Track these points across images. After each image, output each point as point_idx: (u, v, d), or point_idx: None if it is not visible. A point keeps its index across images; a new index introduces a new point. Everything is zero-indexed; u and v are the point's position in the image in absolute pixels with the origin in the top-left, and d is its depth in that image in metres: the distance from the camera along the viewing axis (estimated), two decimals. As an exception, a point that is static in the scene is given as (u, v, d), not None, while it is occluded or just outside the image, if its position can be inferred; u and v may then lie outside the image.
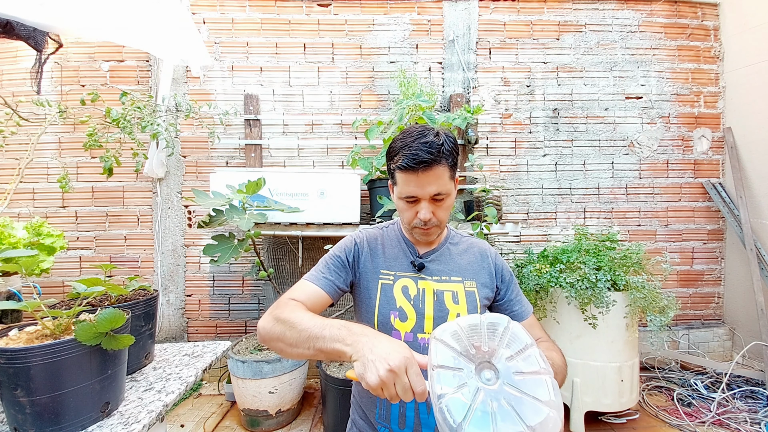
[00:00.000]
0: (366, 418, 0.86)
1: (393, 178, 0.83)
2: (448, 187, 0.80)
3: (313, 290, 0.80)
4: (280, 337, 0.68)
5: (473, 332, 0.50)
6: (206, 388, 2.44)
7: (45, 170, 2.53)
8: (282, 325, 0.68)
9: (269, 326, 0.70)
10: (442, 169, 0.77)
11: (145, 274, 2.56)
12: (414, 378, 0.50)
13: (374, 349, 0.54)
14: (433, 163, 0.75)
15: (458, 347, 0.49)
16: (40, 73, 1.56)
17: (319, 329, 0.63)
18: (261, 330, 0.72)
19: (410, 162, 0.75)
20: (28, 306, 0.72)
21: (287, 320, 0.68)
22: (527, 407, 0.43)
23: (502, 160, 2.66)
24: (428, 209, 0.79)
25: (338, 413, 1.78)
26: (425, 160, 0.74)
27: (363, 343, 0.56)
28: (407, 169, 0.76)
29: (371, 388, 0.51)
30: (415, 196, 0.79)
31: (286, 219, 2.10)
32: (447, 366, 0.48)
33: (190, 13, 2.45)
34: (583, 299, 1.81)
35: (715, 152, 2.73)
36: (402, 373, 0.50)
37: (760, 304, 2.32)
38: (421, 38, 2.62)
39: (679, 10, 2.70)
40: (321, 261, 0.88)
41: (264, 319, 0.72)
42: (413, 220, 0.82)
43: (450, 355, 0.49)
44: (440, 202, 0.81)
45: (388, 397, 0.51)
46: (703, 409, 2.07)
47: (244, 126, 2.54)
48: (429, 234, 0.85)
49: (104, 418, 0.76)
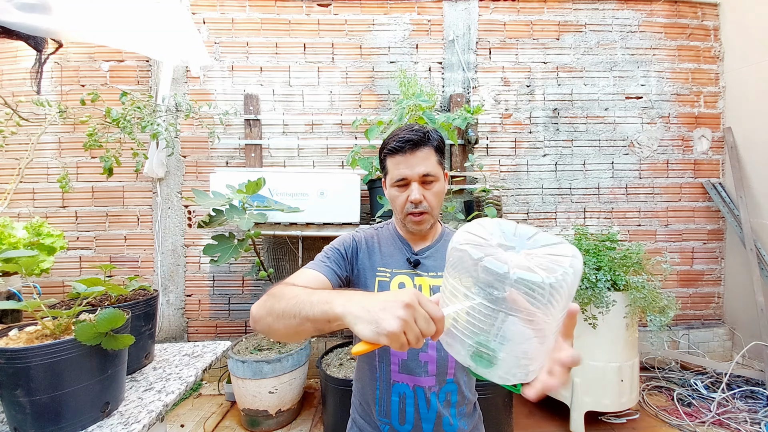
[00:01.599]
0: (366, 417, 0.87)
1: (384, 168, 0.87)
2: (436, 171, 0.83)
3: (313, 276, 0.78)
4: (269, 311, 0.64)
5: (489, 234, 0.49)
6: (206, 388, 2.44)
7: (45, 170, 2.53)
8: (272, 298, 0.65)
9: (260, 303, 0.67)
10: (428, 151, 0.82)
11: (145, 274, 2.56)
12: (429, 306, 0.46)
13: (376, 300, 0.49)
14: (419, 143, 0.80)
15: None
16: (40, 73, 1.56)
17: (307, 295, 0.58)
18: (252, 311, 0.68)
19: (398, 143, 0.81)
20: (28, 306, 0.72)
21: (277, 294, 0.65)
22: (558, 256, 0.43)
23: (502, 160, 2.66)
24: (419, 191, 0.81)
25: (338, 413, 1.78)
26: (411, 139, 0.80)
27: (360, 301, 0.50)
28: (395, 151, 0.82)
29: (392, 335, 0.44)
30: (404, 178, 0.82)
31: (286, 219, 2.10)
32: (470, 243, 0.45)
33: (190, 13, 2.45)
34: (583, 299, 1.81)
35: (715, 152, 2.73)
36: (417, 305, 0.45)
37: (760, 304, 2.32)
38: (421, 38, 2.62)
39: (679, 10, 2.70)
40: (320, 254, 0.88)
41: (256, 303, 0.69)
42: (405, 205, 0.83)
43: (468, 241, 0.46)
44: (430, 185, 0.83)
45: (413, 341, 0.45)
46: (703, 409, 2.07)
47: (244, 126, 2.54)
48: (421, 222, 0.85)
49: (104, 418, 0.76)
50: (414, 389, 0.81)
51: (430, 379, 0.81)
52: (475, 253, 0.42)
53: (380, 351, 0.83)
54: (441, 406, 0.81)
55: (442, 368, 0.81)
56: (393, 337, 0.44)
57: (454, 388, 0.83)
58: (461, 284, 0.44)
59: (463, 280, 0.44)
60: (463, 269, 0.44)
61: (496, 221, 0.50)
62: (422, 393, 0.81)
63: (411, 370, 0.81)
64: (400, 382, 0.82)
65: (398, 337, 0.44)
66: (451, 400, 0.82)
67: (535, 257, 0.43)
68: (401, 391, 0.82)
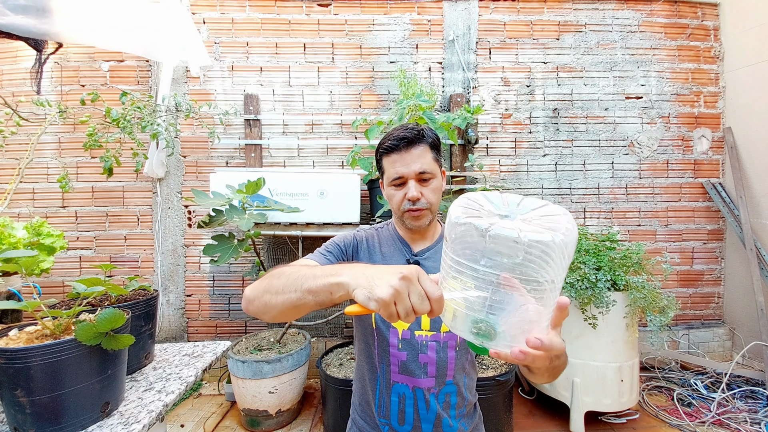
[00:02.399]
0: (366, 417, 0.87)
1: (381, 168, 0.87)
2: (432, 168, 0.83)
3: (313, 264, 0.76)
4: (266, 288, 0.62)
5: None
6: (206, 388, 2.44)
7: (45, 170, 2.53)
8: (270, 277, 0.64)
9: (256, 284, 0.65)
10: (423, 148, 0.82)
11: (145, 274, 2.56)
12: (428, 284, 0.46)
13: (379, 269, 0.50)
14: (414, 140, 0.81)
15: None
16: (40, 73, 1.57)
17: (309, 270, 0.58)
18: (246, 292, 0.66)
19: (393, 141, 0.81)
20: (28, 306, 0.72)
21: (275, 273, 0.64)
22: (552, 216, 0.44)
23: (502, 160, 2.66)
24: (416, 188, 0.81)
25: (338, 413, 1.78)
26: (405, 137, 0.80)
27: (364, 270, 0.51)
28: (391, 150, 0.82)
29: (382, 302, 0.45)
30: (401, 176, 0.82)
31: (286, 219, 2.10)
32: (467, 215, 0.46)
33: (189, 13, 2.45)
34: (583, 299, 1.81)
35: (715, 152, 2.73)
36: (415, 281, 0.46)
37: (760, 304, 2.32)
38: (421, 38, 2.62)
39: (679, 10, 2.70)
40: (320, 247, 0.87)
41: (251, 285, 0.68)
42: (402, 202, 0.83)
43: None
44: (427, 183, 0.83)
45: (402, 314, 0.45)
46: (703, 409, 2.07)
47: (244, 126, 2.54)
48: (420, 217, 0.84)
49: (104, 418, 0.76)
50: (413, 390, 0.81)
51: (429, 380, 0.81)
52: (481, 224, 0.42)
53: (379, 351, 0.83)
54: (440, 407, 0.81)
55: (441, 370, 0.81)
56: (382, 303, 0.45)
57: (453, 390, 0.82)
58: (465, 259, 0.44)
59: (467, 254, 0.44)
60: (467, 243, 0.44)
61: (482, 193, 0.51)
62: (421, 394, 0.81)
63: (410, 371, 0.81)
64: (400, 383, 0.82)
65: (387, 306, 0.45)
66: (450, 402, 0.82)
67: (533, 221, 0.43)
68: (401, 392, 0.82)
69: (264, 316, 0.64)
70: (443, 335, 0.82)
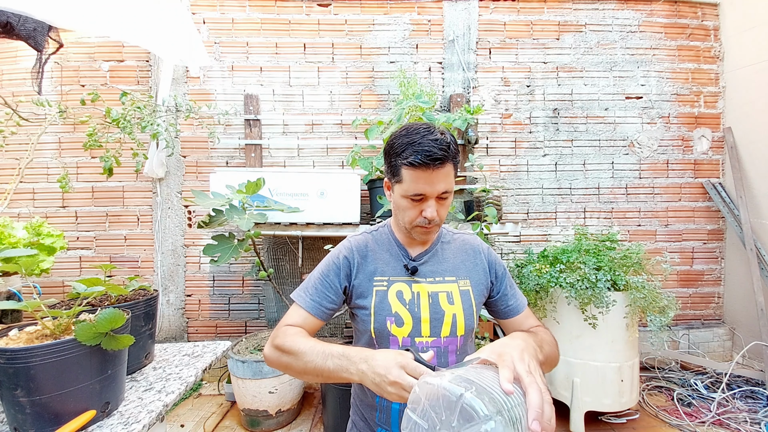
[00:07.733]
0: (366, 420, 0.86)
1: (397, 175, 0.78)
2: (453, 185, 0.80)
3: (304, 316, 0.83)
4: (287, 367, 0.75)
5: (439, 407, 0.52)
6: (206, 388, 2.44)
7: (45, 170, 2.53)
8: (287, 356, 0.74)
9: (275, 357, 0.77)
10: (450, 167, 0.77)
11: (145, 274, 2.56)
12: (408, 381, 0.58)
13: (376, 369, 0.62)
14: (445, 160, 0.74)
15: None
16: (40, 73, 1.57)
17: (321, 360, 0.69)
18: (268, 360, 0.79)
19: (424, 158, 0.73)
20: (28, 306, 0.72)
21: (290, 350, 0.74)
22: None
23: (502, 160, 2.66)
24: (434, 208, 0.78)
25: (338, 413, 1.78)
26: (439, 158, 0.73)
27: (364, 370, 0.64)
28: (420, 165, 0.73)
29: (393, 400, 0.61)
30: (423, 194, 0.77)
31: (286, 219, 2.10)
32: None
33: (190, 13, 2.45)
34: (583, 299, 1.81)
35: (715, 152, 2.73)
36: (403, 379, 0.58)
37: (760, 304, 2.32)
38: (421, 38, 2.62)
39: (679, 10, 2.70)
40: (310, 278, 0.87)
41: (268, 348, 0.78)
42: (416, 218, 0.80)
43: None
44: (444, 201, 0.80)
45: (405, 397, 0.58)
46: (703, 409, 2.07)
47: (244, 126, 2.54)
48: (430, 232, 0.84)
49: (104, 418, 0.76)
50: None
51: None
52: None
53: None
54: None
55: None
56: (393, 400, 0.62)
57: None
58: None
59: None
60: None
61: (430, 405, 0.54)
62: None
63: None
64: None
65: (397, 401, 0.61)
66: None
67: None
68: None
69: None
70: (443, 341, 0.82)
